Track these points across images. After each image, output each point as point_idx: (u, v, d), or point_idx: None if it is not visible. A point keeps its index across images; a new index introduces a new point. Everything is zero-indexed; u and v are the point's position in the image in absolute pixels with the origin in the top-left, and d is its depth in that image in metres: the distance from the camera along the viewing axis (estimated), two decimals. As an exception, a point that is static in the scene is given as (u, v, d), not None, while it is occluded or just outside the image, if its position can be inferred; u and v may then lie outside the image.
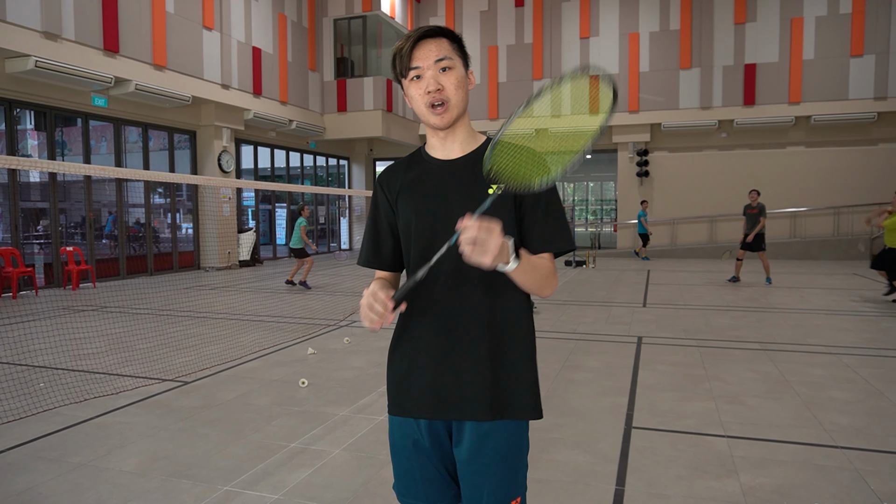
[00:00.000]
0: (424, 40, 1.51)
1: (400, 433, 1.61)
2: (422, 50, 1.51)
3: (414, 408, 1.56)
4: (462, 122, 1.58)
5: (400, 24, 18.57)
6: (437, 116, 1.52)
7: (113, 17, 11.23)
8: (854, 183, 16.37)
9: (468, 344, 1.52)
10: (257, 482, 3.09)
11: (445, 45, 1.52)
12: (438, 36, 1.53)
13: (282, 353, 5.92)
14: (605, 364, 5.42)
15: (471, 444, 1.54)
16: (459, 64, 1.54)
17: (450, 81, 1.51)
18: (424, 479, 1.60)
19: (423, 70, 1.51)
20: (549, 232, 1.55)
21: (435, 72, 1.50)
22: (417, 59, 1.51)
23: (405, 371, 1.58)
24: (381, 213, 1.65)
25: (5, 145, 10.53)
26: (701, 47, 17.11)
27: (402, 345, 1.59)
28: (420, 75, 1.51)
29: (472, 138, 1.60)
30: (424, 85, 1.51)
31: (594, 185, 21.31)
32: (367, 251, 1.67)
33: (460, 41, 1.57)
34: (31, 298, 9.78)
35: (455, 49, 1.54)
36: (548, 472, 3.19)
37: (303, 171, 19.10)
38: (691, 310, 8.36)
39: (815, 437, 3.66)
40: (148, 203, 13.56)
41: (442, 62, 1.50)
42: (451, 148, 1.59)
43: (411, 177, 1.61)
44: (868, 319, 7.54)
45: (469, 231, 1.27)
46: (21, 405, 4.24)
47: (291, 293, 10.36)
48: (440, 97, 1.50)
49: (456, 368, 1.52)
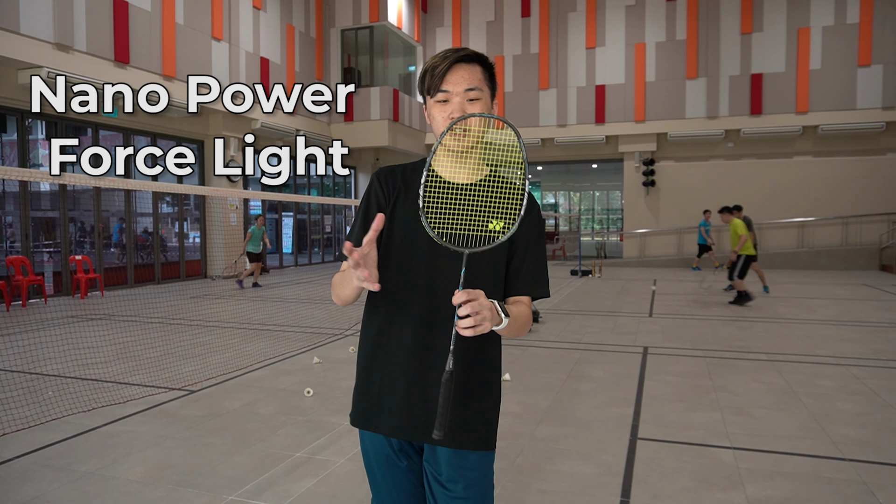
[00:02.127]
0: (459, 64, 1.52)
1: (373, 449, 1.62)
2: (455, 75, 1.51)
3: (383, 424, 1.56)
4: (477, 149, 1.56)
5: (407, 35, 18.70)
6: (454, 140, 1.52)
7: (124, 28, 11.37)
8: (862, 193, 16.29)
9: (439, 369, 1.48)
10: (262, 492, 3.09)
11: (478, 74, 1.53)
12: (473, 62, 1.53)
13: (287, 362, 5.94)
14: (610, 374, 5.40)
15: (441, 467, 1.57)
16: (487, 95, 1.54)
17: (475, 110, 1.52)
18: (398, 494, 1.61)
19: (451, 95, 1.51)
20: (534, 276, 1.59)
21: (462, 99, 1.51)
22: (449, 82, 1.51)
23: (377, 387, 1.57)
24: (374, 206, 1.57)
25: (17, 155, 10.65)
26: (707, 57, 17.13)
27: (377, 361, 1.58)
28: (447, 99, 1.52)
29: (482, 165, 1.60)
30: (450, 110, 1.52)
31: (600, 195, 21.30)
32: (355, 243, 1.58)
33: (492, 70, 1.57)
34: (39, 307, 9.85)
35: (486, 78, 1.55)
36: (552, 483, 3.18)
37: (309, 181, 19.19)
38: (698, 320, 8.32)
39: (822, 449, 3.63)
40: (156, 212, 13.66)
41: (471, 92, 1.51)
42: (458, 172, 1.56)
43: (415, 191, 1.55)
44: (877, 330, 7.49)
45: (464, 311, 1.30)
46: (29, 413, 4.27)
47: (299, 301, 10.39)
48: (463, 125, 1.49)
49: (426, 391, 1.52)
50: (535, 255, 1.60)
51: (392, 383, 1.55)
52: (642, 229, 18.09)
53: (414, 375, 1.53)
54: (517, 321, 1.50)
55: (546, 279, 1.62)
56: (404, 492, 1.61)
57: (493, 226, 1.50)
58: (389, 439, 1.59)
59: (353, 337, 7.21)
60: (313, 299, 10.69)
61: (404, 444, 1.60)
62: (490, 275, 1.55)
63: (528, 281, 1.59)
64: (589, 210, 21.23)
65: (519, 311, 1.53)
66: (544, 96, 18.45)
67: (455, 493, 1.56)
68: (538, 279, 1.60)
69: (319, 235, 19.76)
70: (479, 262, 1.51)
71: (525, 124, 18.63)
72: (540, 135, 18.52)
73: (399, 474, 1.61)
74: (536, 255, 1.60)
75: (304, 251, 18.89)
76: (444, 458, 1.56)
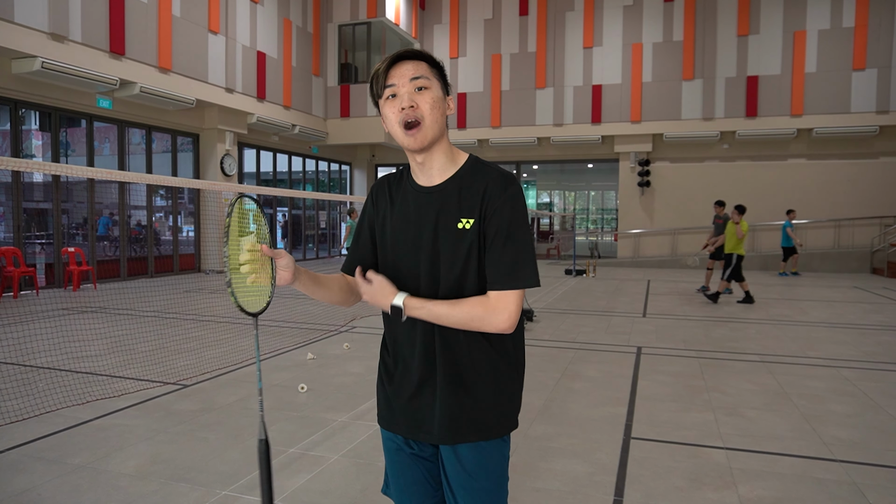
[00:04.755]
0: (402, 61, 1.50)
1: (388, 441, 1.69)
2: (398, 69, 1.50)
3: (395, 425, 1.64)
4: (439, 146, 1.54)
5: (404, 31, 18.66)
6: (410, 137, 1.49)
7: (120, 19, 11.30)
8: (855, 196, 16.40)
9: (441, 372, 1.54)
10: (256, 487, 3.09)
11: (423, 67, 1.51)
12: (417, 59, 1.51)
13: (281, 357, 5.93)
14: (604, 374, 5.42)
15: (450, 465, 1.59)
16: (437, 86, 1.52)
17: (425, 100, 1.48)
18: (410, 484, 1.64)
19: (398, 88, 1.49)
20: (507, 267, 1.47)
21: (410, 90, 1.48)
22: (393, 76, 1.49)
23: (389, 390, 1.65)
24: (367, 225, 1.67)
25: (10, 145, 10.57)
26: (704, 59, 17.18)
27: (388, 365, 1.66)
28: (395, 94, 1.49)
29: (451, 162, 1.56)
30: (399, 103, 1.49)
31: (595, 195, 21.35)
32: (347, 259, 1.72)
33: (441, 67, 1.55)
34: (31, 298, 9.79)
35: (433, 73, 1.52)
36: (546, 482, 3.19)
37: (304, 176, 19.14)
38: (691, 320, 8.36)
39: (813, 449, 3.66)
40: (150, 205, 13.60)
41: (418, 80, 1.48)
42: (429, 174, 1.56)
43: (395, 200, 1.61)
44: (868, 333, 7.55)
45: None
46: (21, 406, 4.24)
47: (295, 297, 10.36)
48: (414, 115, 1.47)
49: (430, 394, 1.57)
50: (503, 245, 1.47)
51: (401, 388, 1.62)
52: (637, 229, 18.14)
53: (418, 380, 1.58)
54: (441, 317, 1.48)
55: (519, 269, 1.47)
56: (409, 478, 1.64)
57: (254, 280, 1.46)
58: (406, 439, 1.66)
59: (347, 333, 7.20)
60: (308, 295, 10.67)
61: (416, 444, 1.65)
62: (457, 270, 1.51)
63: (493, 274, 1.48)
64: (584, 210, 21.27)
65: (450, 309, 1.47)
66: (541, 95, 18.46)
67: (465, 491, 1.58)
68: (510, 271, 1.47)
69: (314, 231, 19.72)
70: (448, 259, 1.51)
71: (521, 123, 18.64)
72: (536, 134, 18.54)
73: (405, 461, 1.64)
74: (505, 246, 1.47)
75: (299, 246, 18.86)
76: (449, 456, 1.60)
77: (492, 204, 1.48)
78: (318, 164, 19.71)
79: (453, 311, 1.47)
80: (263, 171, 17.34)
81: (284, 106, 16.26)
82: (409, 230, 1.55)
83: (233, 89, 14.33)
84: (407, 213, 1.56)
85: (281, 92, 16.14)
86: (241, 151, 15.97)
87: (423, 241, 1.52)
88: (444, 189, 1.54)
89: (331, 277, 1.66)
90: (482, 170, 1.53)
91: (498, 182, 1.49)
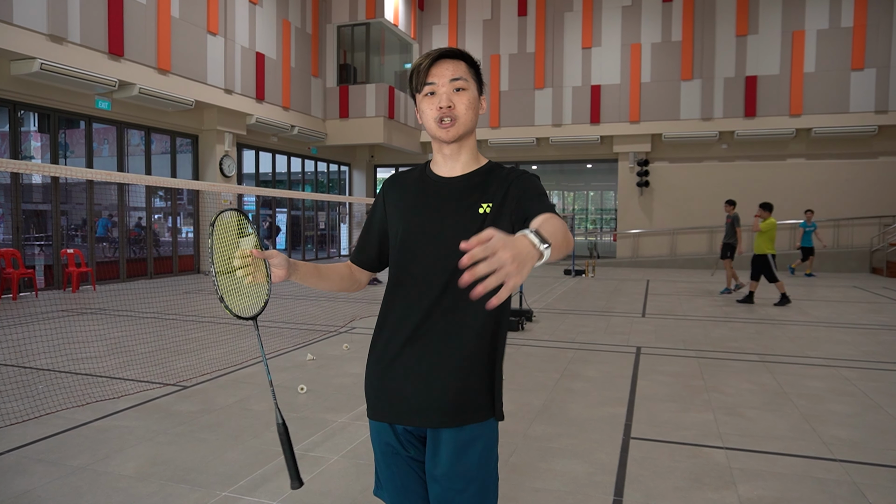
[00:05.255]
0: (443, 59, 1.59)
1: (377, 438, 1.67)
2: (439, 68, 1.58)
3: (386, 412, 1.62)
4: (468, 142, 1.64)
5: (403, 32, 18.66)
6: (443, 130, 1.58)
7: (118, 20, 11.29)
8: (854, 195, 16.41)
9: (434, 354, 1.56)
10: (255, 488, 3.09)
11: (462, 68, 1.59)
12: (457, 58, 1.60)
13: (281, 358, 5.93)
14: (603, 374, 5.42)
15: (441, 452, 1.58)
16: (473, 87, 1.61)
17: (461, 101, 1.58)
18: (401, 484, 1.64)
19: (437, 87, 1.57)
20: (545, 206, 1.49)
21: (449, 90, 1.57)
22: (434, 75, 1.58)
23: (379, 377, 1.63)
24: (376, 219, 1.74)
25: (8, 147, 10.57)
26: (702, 59, 17.19)
27: (378, 351, 1.65)
28: (434, 91, 1.58)
29: (475, 160, 1.66)
30: (437, 101, 1.57)
31: (594, 195, 21.35)
32: (356, 249, 1.81)
33: (477, 67, 1.64)
34: (31, 300, 9.79)
35: (471, 73, 1.61)
36: (545, 482, 3.19)
37: (304, 177, 19.14)
38: (690, 320, 8.36)
39: (813, 449, 3.66)
40: (149, 206, 13.59)
41: (457, 82, 1.57)
42: (452, 166, 1.65)
43: (412, 190, 1.67)
44: (867, 332, 7.55)
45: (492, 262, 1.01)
46: (21, 408, 4.24)
47: (295, 298, 10.36)
48: (450, 114, 1.57)
49: (422, 377, 1.57)
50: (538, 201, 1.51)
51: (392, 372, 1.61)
52: (636, 230, 18.15)
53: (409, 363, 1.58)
54: (557, 235, 1.23)
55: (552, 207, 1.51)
56: (403, 480, 1.64)
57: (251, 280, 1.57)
58: (394, 428, 1.63)
59: (346, 334, 7.20)
60: (308, 296, 10.67)
61: (410, 433, 1.63)
62: None
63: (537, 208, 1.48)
64: (583, 210, 21.28)
65: (554, 226, 1.28)
66: (540, 96, 18.47)
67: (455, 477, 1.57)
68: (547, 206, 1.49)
69: (313, 232, 19.71)
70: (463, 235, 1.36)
71: (520, 123, 18.65)
72: (535, 134, 18.54)
73: (400, 463, 1.64)
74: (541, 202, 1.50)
75: (298, 247, 18.85)
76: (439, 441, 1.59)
77: (514, 184, 1.58)
78: (317, 164, 19.71)
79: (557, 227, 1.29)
80: (262, 172, 17.34)
81: (283, 107, 16.26)
82: (431, 217, 1.61)
83: (232, 90, 14.33)
84: (427, 198, 1.64)
85: (280, 93, 16.13)
86: (240, 152, 15.97)
87: (446, 226, 1.58)
88: (467, 179, 1.63)
89: (331, 267, 1.74)
90: (503, 168, 1.65)
91: (518, 171, 1.63)
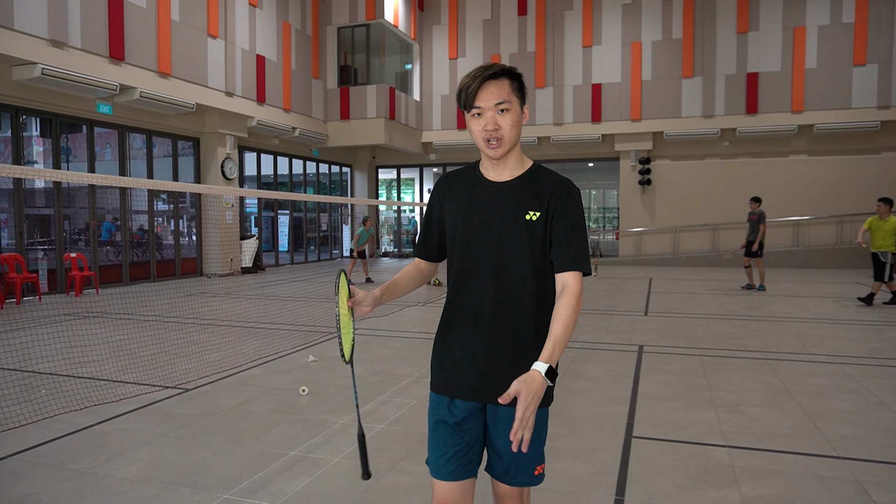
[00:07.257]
0: (488, 82, 1.74)
1: (433, 411, 1.89)
2: (485, 92, 1.74)
3: (451, 388, 1.85)
4: (513, 151, 1.83)
5: (403, 33, 18.67)
6: (492, 150, 1.79)
7: (119, 25, 11.32)
8: (857, 191, 16.34)
9: (496, 338, 1.79)
10: (257, 490, 3.09)
11: (506, 87, 1.75)
12: (501, 77, 1.75)
13: (282, 360, 5.93)
14: (605, 373, 5.41)
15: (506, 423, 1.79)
16: (517, 104, 1.78)
17: (506, 122, 1.76)
18: (448, 453, 1.82)
19: (483, 110, 1.75)
20: (575, 253, 1.76)
21: (494, 113, 1.75)
22: (480, 99, 1.75)
23: (446, 356, 1.87)
24: (434, 214, 1.96)
25: (11, 152, 10.60)
26: (703, 56, 17.15)
27: (446, 333, 1.89)
28: (481, 113, 1.76)
29: (520, 164, 1.86)
30: (484, 123, 1.76)
31: (596, 193, 21.33)
32: (418, 245, 2.03)
33: (520, 79, 1.80)
34: (34, 304, 9.81)
35: (514, 89, 1.77)
36: (547, 482, 3.18)
37: (305, 179, 19.16)
38: (693, 318, 8.34)
39: (816, 447, 3.64)
40: (151, 209, 13.61)
41: (501, 105, 1.74)
42: (500, 172, 1.86)
43: (466, 191, 1.88)
44: (871, 329, 7.52)
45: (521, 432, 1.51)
46: (23, 412, 4.25)
47: (295, 300, 10.37)
48: (496, 135, 1.76)
49: (486, 359, 1.80)
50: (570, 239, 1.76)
51: (458, 353, 1.84)
52: (638, 228, 18.11)
53: (474, 346, 1.81)
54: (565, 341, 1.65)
55: (588, 257, 1.79)
56: (451, 450, 1.82)
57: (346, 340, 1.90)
58: (453, 402, 1.84)
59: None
60: (309, 297, 10.68)
61: (466, 407, 1.83)
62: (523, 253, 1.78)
63: (571, 257, 1.75)
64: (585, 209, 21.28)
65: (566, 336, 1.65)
66: (541, 95, 18.45)
67: None
68: (581, 255, 1.77)
69: (315, 234, 19.73)
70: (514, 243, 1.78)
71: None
72: (536, 133, 18.53)
73: (451, 432, 1.83)
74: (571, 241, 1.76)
75: (300, 249, 18.87)
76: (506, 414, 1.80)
77: (559, 203, 1.78)
78: (318, 166, 19.72)
79: (568, 327, 1.67)
80: (264, 175, 17.36)
81: (284, 109, 16.27)
82: (483, 216, 1.82)
83: (232, 93, 14.35)
84: (480, 201, 1.84)
85: (281, 95, 16.15)
86: (241, 155, 15.99)
87: (495, 226, 1.80)
88: (515, 185, 1.83)
89: (403, 275, 1.97)
90: (548, 174, 1.85)
91: (563, 185, 1.81)
